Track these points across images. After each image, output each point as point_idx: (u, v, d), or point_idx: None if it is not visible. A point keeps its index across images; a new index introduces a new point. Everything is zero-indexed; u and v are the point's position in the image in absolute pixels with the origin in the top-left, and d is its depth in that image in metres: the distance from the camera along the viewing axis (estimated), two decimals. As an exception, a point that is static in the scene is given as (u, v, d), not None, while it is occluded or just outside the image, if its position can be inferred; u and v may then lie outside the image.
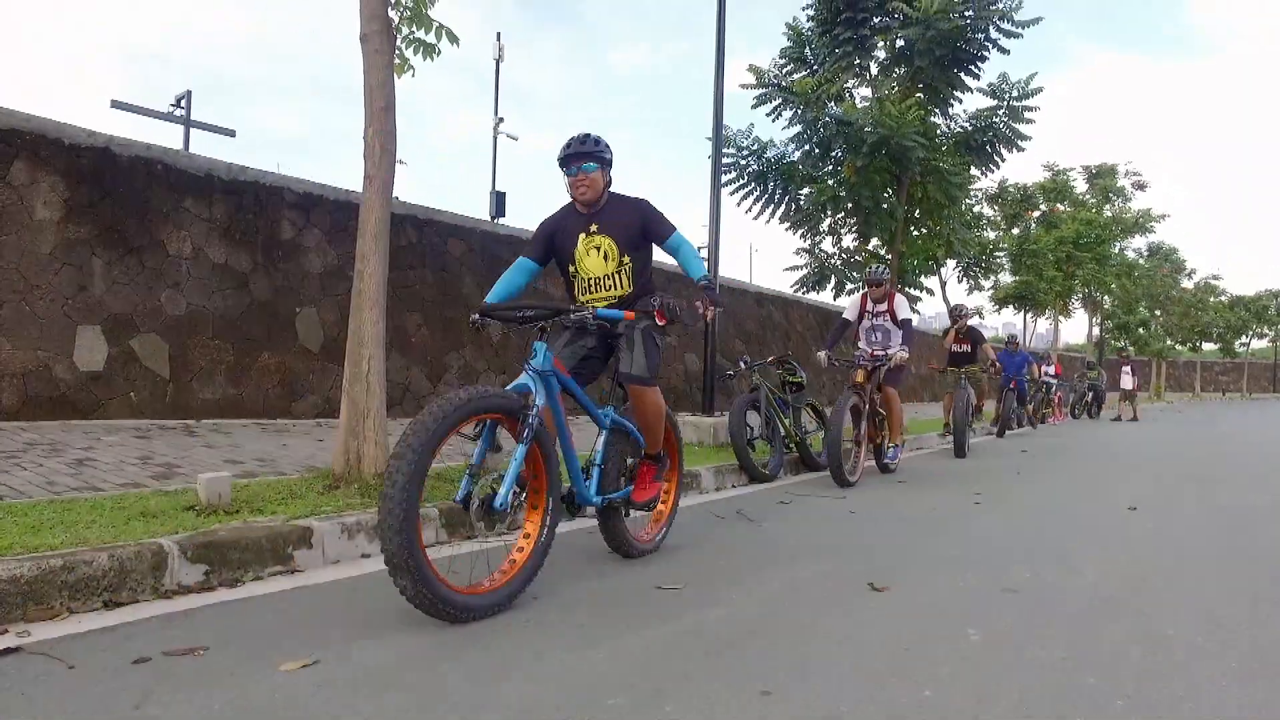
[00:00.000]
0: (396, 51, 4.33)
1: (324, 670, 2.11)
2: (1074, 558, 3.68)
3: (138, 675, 2.05)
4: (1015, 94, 10.58)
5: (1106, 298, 29.93)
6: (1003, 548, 3.89)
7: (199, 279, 7.84)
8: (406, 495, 2.39)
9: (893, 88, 10.69)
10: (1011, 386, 12.72)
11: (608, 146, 3.46)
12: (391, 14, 4.29)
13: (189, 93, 14.03)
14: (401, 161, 4.41)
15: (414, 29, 4.36)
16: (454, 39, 4.48)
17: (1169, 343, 40.20)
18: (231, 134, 14.89)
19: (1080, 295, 26.71)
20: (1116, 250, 26.73)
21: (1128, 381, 18.44)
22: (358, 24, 4.24)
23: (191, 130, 14.04)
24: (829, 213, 11.01)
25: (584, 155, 3.37)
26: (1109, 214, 26.24)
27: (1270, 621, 2.70)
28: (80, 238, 7.07)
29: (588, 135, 3.42)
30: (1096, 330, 31.33)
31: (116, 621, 2.46)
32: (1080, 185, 25.98)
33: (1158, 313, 37.05)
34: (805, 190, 10.91)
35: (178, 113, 14.10)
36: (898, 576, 3.21)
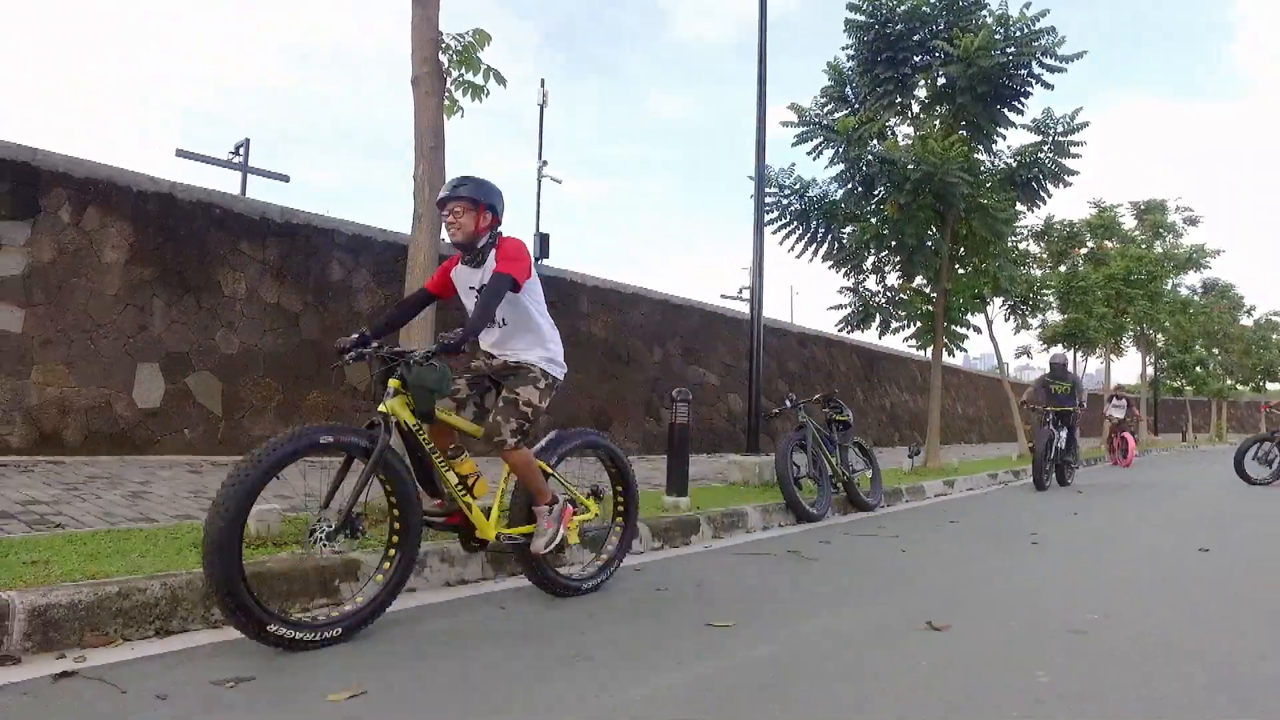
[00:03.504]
0: (446, 93, 4.45)
1: (371, 701, 2.09)
2: (1142, 599, 3.50)
3: (187, 702, 2.04)
4: (1060, 129, 10.50)
5: (1160, 335, 29.04)
6: (1064, 588, 3.73)
7: (251, 319, 8.05)
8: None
9: (935, 125, 10.66)
10: None
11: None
12: (441, 58, 4.41)
13: (247, 140, 14.64)
14: (450, 200, 4.53)
15: (463, 72, 4.48)
16: (501, 80, 4.60)
17: (1229, 382, 38.74)
18: (286, 179, 15.45)
19: (1133, 333, 25.98)
20: (1169, 287, 26.00)
21: (1118, 412, 15.86)
22: (409, 68, 4.38)
23: (249, 177, 14.61)
24: (872, 251, 10.94)
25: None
26: (1160, 250, 25.61)
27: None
28: (143, 279, 7.34)
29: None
30: (1150, 369, 30.41)
31: (167, 649, 2.47)
32: (1129, 222, 25.47)
33: (1215, 351, 35.81)
34: (848, 229, 10.87)
35: (236, 160, 14.70)
36: (955, 616, 3.09)
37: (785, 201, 10.73)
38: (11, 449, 6.35)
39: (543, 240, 15.33)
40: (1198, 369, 34.80)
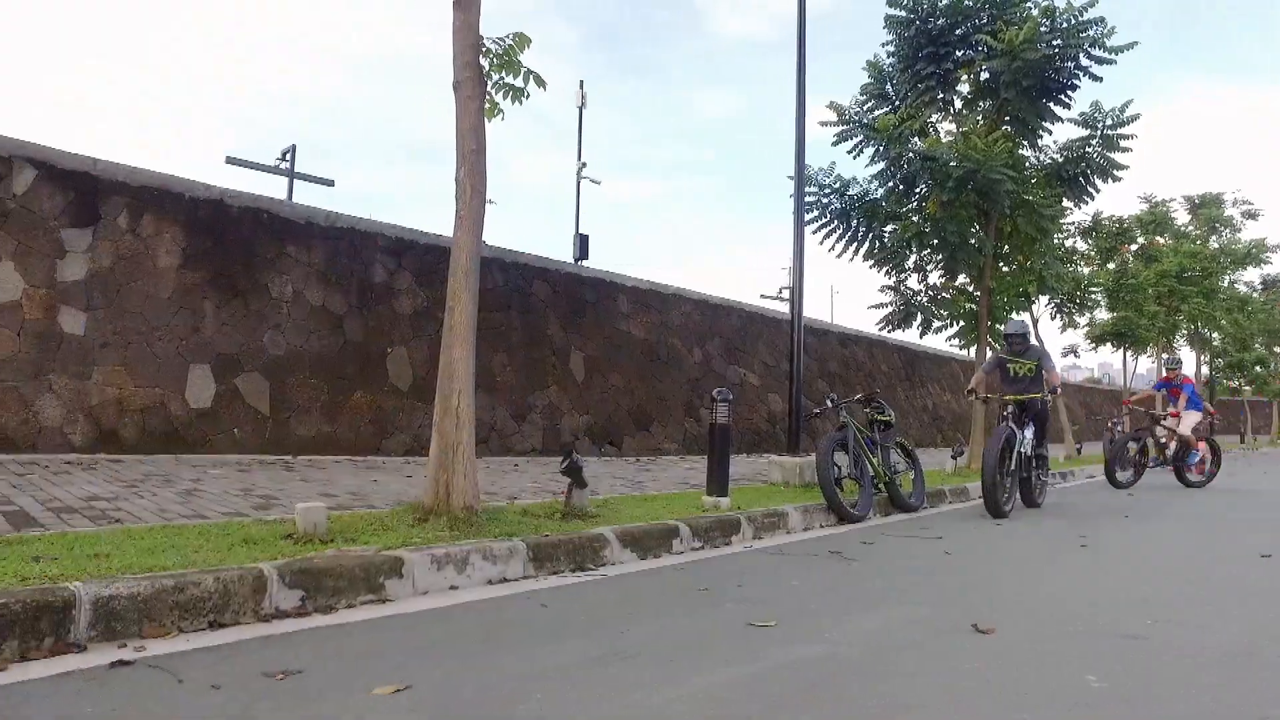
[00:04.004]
0: (487, 96, 4.50)
1: (416, 696, 2.12)
2: (1199, 604, 3.40)
3: (239, 693, 2.10)
4: (1109, 122, 10.22)
5: (1216, 334, 28.10)
6: (1116, 591, 3.63)
7: (298, 321, 8.23)
8: None
9: (977, 121, 10.48)
10: None
11: None
12: (482, 61, 4.47)
13: (293, 146, 14.98)
14: (491, 201, 4.66)
15: (504, 75, 4.53)
16: (541, 83, 4.63)
17: (1291, 382, 37.35)
18: (331, 184, 15.74)
19: (1186, 332, 25.18)
20: (1226, 284, 25.15)
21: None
22: (451, 73, 4.44)
23: (295, 182, 14.95)
24: (914, 249, 10.78)
25: None
26: (1215, 245, 24.79)
27: None
28: (195, 283, 7.55)
29: None
30: (1205, 369, 29.44)
31: (220, 641, 2.54)
32: (1182, 217, 24.71)
33: (1277, 349, 34.56)
34: (889, 227, 10.73)
35: (283, 165, 15.05)
36: (1002, 618, 3.03)
37: (826, 200, 10.62)
38: (74, 447, 6.58)
39: (583, 241, 15.39)
40: (1257, 368, 33.60)
